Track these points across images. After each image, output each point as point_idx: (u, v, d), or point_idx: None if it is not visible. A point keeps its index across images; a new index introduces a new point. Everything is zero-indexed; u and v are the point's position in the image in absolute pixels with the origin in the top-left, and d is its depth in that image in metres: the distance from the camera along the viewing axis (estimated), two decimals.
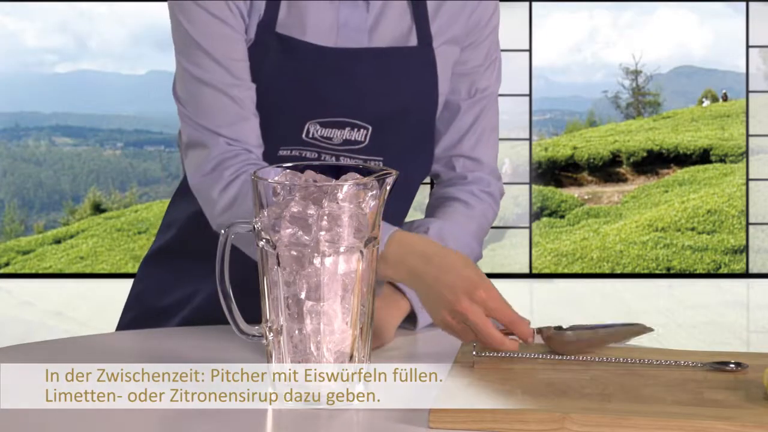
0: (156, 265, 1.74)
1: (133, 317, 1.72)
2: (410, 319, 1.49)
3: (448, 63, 1.64)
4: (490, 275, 7.36)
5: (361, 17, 1.59)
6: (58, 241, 7.80)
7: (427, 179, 1.77)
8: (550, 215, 7.80)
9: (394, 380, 1.25)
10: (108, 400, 1.18)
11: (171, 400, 1.16)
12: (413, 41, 1.61)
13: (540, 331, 1.31)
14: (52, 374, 1.25)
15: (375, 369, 1.23)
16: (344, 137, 1.58)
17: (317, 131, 1.58)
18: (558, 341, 1.30)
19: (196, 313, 1.65)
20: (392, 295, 1.47)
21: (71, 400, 1.17)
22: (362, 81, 1.58)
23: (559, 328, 1.31)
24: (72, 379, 1.24)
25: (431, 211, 1.68)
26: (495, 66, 1.70)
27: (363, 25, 1.59)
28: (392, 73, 1.59)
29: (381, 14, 1.61)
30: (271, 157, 1.58)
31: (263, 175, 1.14)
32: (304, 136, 1.58)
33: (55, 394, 1.19)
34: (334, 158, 1.58)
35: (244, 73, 1.54)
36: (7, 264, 7.65)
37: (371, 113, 1.59)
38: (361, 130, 1.59)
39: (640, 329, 1.34)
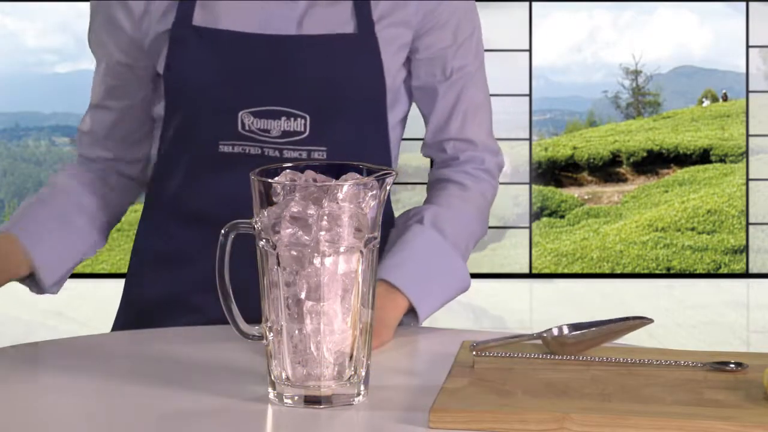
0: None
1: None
2: (409, 314, 1.49)
3: (394, 46, 1.62)
4: (490, 275, 7.37)
5: (288, 6, 1.59)
6: None
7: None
8: (550, 215, 7.79)
9: (395, 380, 1.25)
10: (107, 400, 1.18)
11: (170, 401, 1.16)
12: (351, 28, 1.60)
13: (541, 336, 1.31)
14: (52, 374, 1.25)
15: (375, 369, 1.22)
16: (282, 128, 1.58)
17: (252, 123, 1.57)
18: (558, 342, 1.30)
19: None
20: (389, 294, 1.46)
21: (71, 400, 1.17)
22: (291, 68, 1.57)
23: (560, 328, 1.31)
24: (72, 379, 1.24)
25: (429, 194, 1.67)
26: (470, 44, 1.68)
27: (291, 14, 1.59)
28: (324, 60, 1.58)
29: (312, 5, 1.60)
30: (211, 151, 1.59)
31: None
32: (240, 128, 1.58)
33: (55, 394, 1.19)
34: (277, 152, 1.58)
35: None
36: None
37: (307, 101, 1.58)
38: (299, 119, 1.58)
39: (639, 322, 1.34)
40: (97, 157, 1.73)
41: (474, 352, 1.27)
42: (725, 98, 7.90)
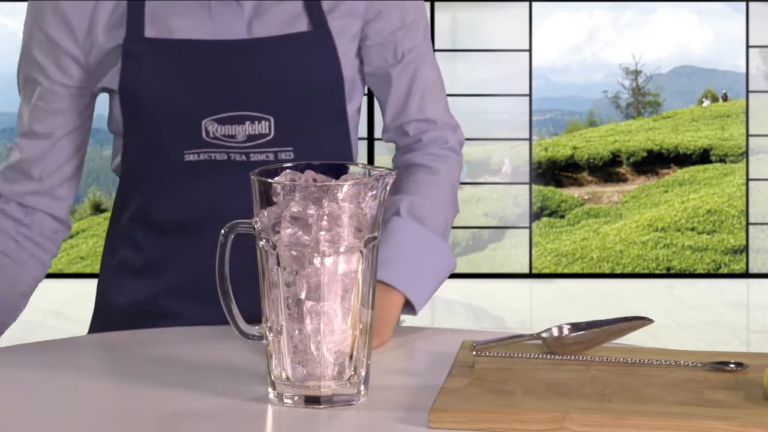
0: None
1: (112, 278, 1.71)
2: (405, 307, 1.50)
3: (347, 38, 1.62)
4: (490, 275, 7.37)
5: (234, 10, 1.58)
6: None
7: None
8: (550, 215, 7.80)
9: (395, 380, 1.25)
10: (107, 400, 1.18)
11: (170, 401, 1.16)
12: (304, 26, 1.60)
13: (541, 336, 1.31)
14: (51, 374, 1.25)
15: (375, 369, 1.22)
16: (247, 133, 1.57)
17: (217, 130, 1.56)
18: (558, 342, 1.30)
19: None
20: (383, 291, 1.46)
21: (70, 400, 1.17)
22: (250, 73, 1.57)
23: (560, 328, 1.31)
24: (71, 379, 1.24)
25: (397, 180, 1.67)
26: (418, 23, 1.67)
27: (239, 19, 1.58)
28: (285, 62, 1.58)
29: (259, 5, 1.59)
30: (177, 162, 1.57)
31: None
32: (204, 136, 1.56)
33: (54, 394, 1.19)
34: (243, 156, 1.57)
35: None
36: None
37: (269, 104, 1.57)
38: (263, 122, 1.57)
39: (639, 322, 1.34)
40: (19, 192, 1.63)
41: (474, 352, 1.27)
42: (725, 98, 7.90)
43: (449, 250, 1.58)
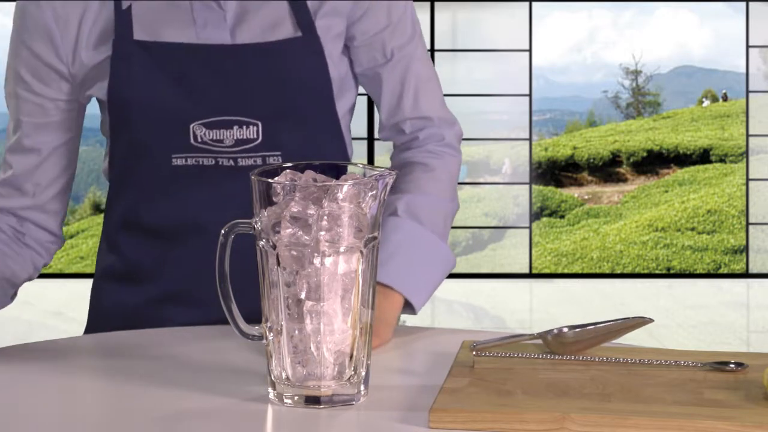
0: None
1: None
2: (405, 308, 1.50)
3: (330, 36, 1.62)
4: (490, 275, 7.37)
5: (217, 16, 1.57)
6: None
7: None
8: (550, 215, 7.80)
9: (395, 380, 1.25)
10: (107, 400, 1.18)
11: (170, 401, 1.16)
12: (290, 29, 1.59)
13: (541, 336, 1.31)
14: (51, 374, 1.25)
15: (375, 369, 1.23)
16: (235, 137, 1.57)
17: (205, 134, 1.56)
18: (558, 342, 1.30)
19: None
20: (383, 292, 1.46)
21: (70, 400, 1.17)
22: (237, 77, 1.56)
23: (559, 328, 1.31)
24: (71, 379, 1.24)
25: (395, 180, 1.67)
26: (405, 22, 1.67)
27: (221, 24, 1.57)
28: (272, 67, 1.58)
29: (244, 9, 1.58)
30: (164, 165, 1.57)
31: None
32: (192, 141, 1.56)
33: (54, 394, 1.19)
34: (231, 161, 1.57)
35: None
36: None
37: (257, 108, 1.57)
38: (251, 126, 1.57)
39: (639, 322, 1.34)
40: (12, 207, 1.63)
41: (474, 352, 1.27)
42: (725, 98, 7.90)
43: (448, 247, 1.58)
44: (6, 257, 1.59)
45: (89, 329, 1.70)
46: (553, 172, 7.81)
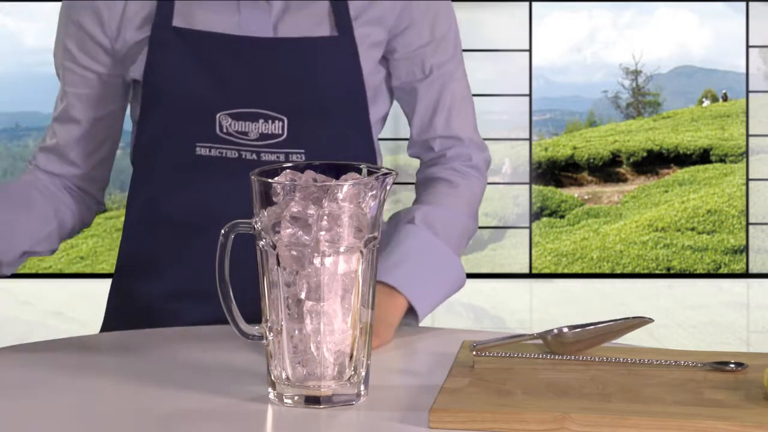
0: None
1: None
2: (408, 314, 1.49)
3: (367, 44, 1.62)
4: (490, 275, 7.37)
5: (262, 10, 1.59)
6: None
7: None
8: (550, 215, 7.79)
9: (395, 380, 1.25)
10: (107, 400, 1.18)
11: (170, 401, 1.16)
12: (328, 30, 1.60)
13: (541, 336, 1.31)
14: (51, 374, 1.25)
15: (375, 369, 1.23)
16: (260, 131, 1.58)
17: (230, 125, 1.57)
18: (558, 342, 1.30)
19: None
20: (388, 294, 1.46)
21: (70, 400, 1.17)
22: (269, 70, 1.58)
23: (559, 328, 1.31)
24: (71, 379, 1.24)
25: (417, 193, 1.67)
26: (448, 39, 1.67)
27: (266, 18, 1.59)
28: (302, 63, 1.58)
29: (287, 6, 1.60)
30: (188, 153, 1.59)
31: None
32: (218, 131, 1.58)
33: (54, 394, 1.19)
34: (255, 155, 1.58)
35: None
36: None
37: (284, 104, 1.58)
38: (276, 121, 1.58)
39: (639, 322, 1.34)
40: (60, 173, 1.69)
41: (474, 352, 1.27)
42: (725, 98, 7.90)
43: (460, 264, 1.56)
44: (58, 201, 1.66)
45: (106, 322, 1.71)
46: (553, 172, 7.81)
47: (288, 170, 1.15)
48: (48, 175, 1.69)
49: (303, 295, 1.12)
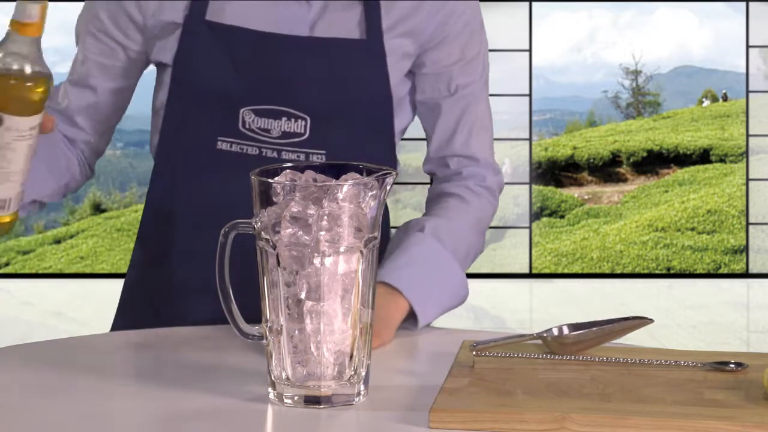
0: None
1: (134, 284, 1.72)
2: (409, 319, 1.49)
3: (397, 55, 1.62)
4: (490, 275, 7.37)
5: (301, 9, 1.60)
6: (58, 241, 7.80)
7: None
8: (550, 215, 7.79)
9: (395, 380, 1.25)
10: (107, 401, 1.18)
11: (170, 401, 1.16)
12: (359, 34, 1.60)
13: (541, 336, 1.31)
14: (51, 374, 1.25)
15: (375, 369, 1.23)
16: (282, 129, 1.58)
17: (253, 121, 1.58)
18: (558, 342, 1.30)
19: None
20: (390, 295, 1.46)
21: (70, 401, 1.17)
22: (297, 69, 1.58)
23: (560, 328, 1.31)
24: (71, 379, 1.24)
25: (428, 208, 1.68)
26: (478, 60, 1.68)
27: (304, 16, 1.59)
28: (331, 64, 1.59)
29: (325, 7, 1.60)
30: (209, 147, 1.59)
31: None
32: (240, 126, 1.58)
33: (54, 394, 1.19)
34: (275, 153, 1.58)
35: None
36: (7, 264, 7.65)
37: (309, 103, 1.58)
38: (299, 120, 1.58)
39: (639, 322, 1.34)
40: (67, 135, 1.69)
41: (474, 352, 1.27)
42: (725, 98, 7.90)
43: (464, 278, 1.57)
44: (71, 158, 1.68)
45: (118, 312, 1.71)
46: (553, 172, 7.81)
47: (288, 170, 1.15)
48: (60, 133, 1.69)
49: (303, 295, 1.12)
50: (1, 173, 1.28)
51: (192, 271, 1.62)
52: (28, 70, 1.26)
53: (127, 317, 1.70)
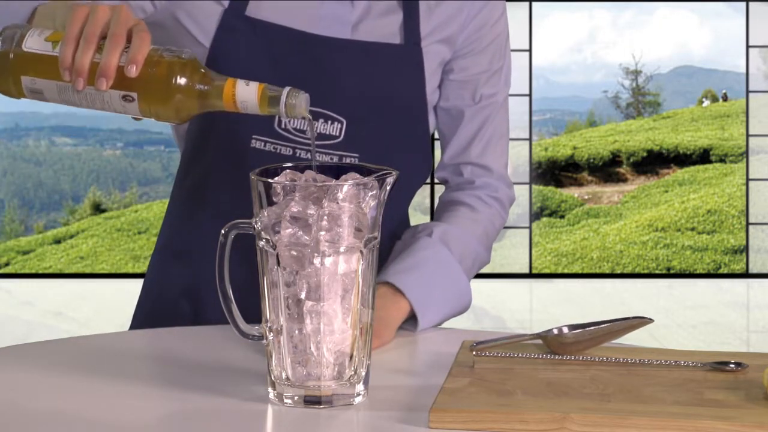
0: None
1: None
2: (410, 320, 1.49)
3: (436, 62, 1.63)
4: (490, 275, 7.37)
5: (345, 9, 1.59)
6: (58, 241, 7.80)
7: (428, 180, 1.76)
8: (550, 215, 7.80)
9: (395, 380, 1.25)
10: (107, 401, 1.18)
11: (170, 401, 1.16)
12: (398, 40, 1.61)
13: (541, 336, 1.31)
14: (51, 374, 1.25)
15: (375, 369, 1.23)
16: (318, 130, 1.58)
17: (289, 121, 1.57)
18: (558, 342, 1.30)
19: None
20: (392, 296, 1.46)
21: (70, 401, 1.17)
22: (336, 71, 1.58)
23: (560, 328, 1.31)
24: (71, 380, 1.24)
25: (437, 215, 1.68)
26: (502, 72, 1.69)
27: (347, 18, 1.59)
28: (370, 68, 1.59)
29: (368, 10, 1.60)
30: (242, 146, 1.58)
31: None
32: (276, 126, 1.58)
33: (54, 394, 1.19)
34: (309, 154, 1.58)
35: None
36: (7, 264, 7.65)
37: (345, 106, 1.58)
38: (335, 123, 1.58)
39: (639, 322, 1.34)
40: None
41: (474, 352, 1.27)
42: (725, 98, 7.90)
43: (468, 285, 1.57)
44: None
45: (138, 307, 1.71)
46: (553, 172, 7.81)
47: (288, 170, 1.15)
48: None
49: (303, 295, 1.12)
50: None
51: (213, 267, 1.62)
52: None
53: (147, 316, 1.69)
